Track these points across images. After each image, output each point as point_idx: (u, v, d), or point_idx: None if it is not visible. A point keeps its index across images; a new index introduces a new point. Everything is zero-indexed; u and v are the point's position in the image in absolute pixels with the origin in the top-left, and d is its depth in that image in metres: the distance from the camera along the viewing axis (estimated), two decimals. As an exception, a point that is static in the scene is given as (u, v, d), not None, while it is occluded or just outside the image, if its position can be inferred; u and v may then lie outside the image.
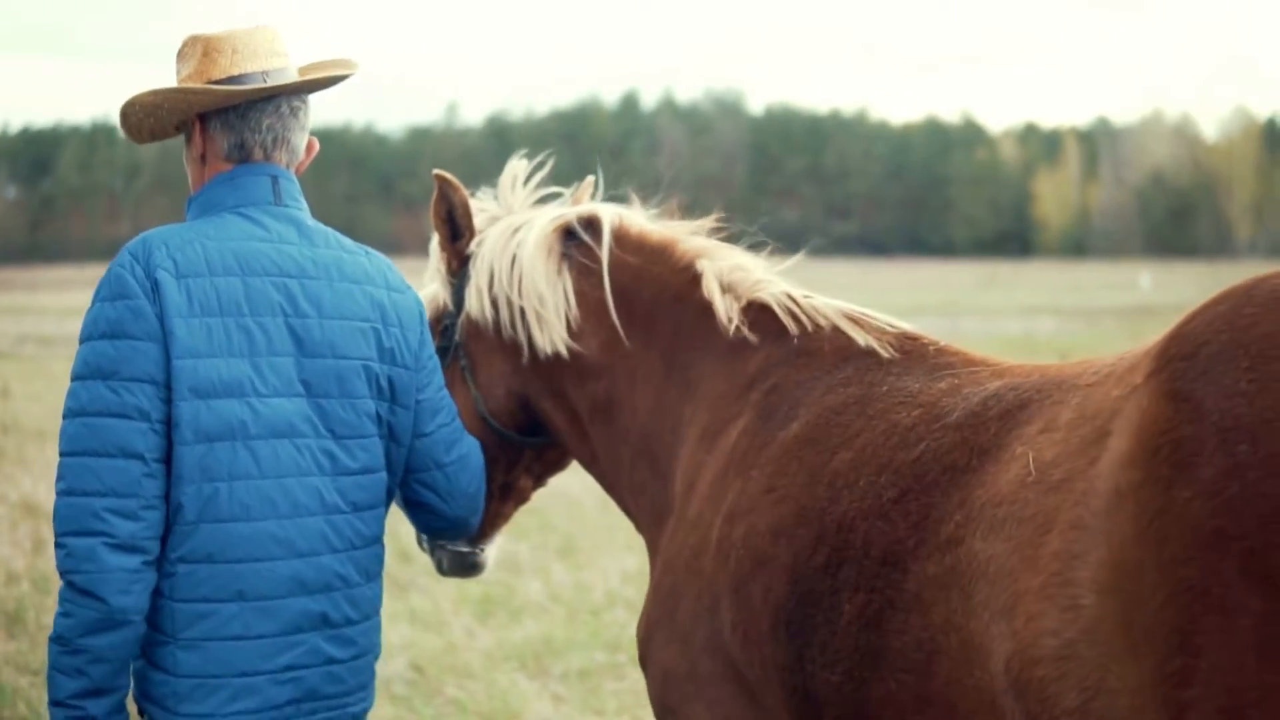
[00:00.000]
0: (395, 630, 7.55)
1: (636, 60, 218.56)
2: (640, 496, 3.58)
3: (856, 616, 2.74)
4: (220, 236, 3.10)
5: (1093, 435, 2.44)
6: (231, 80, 3.19)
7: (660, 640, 3.26)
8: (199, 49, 3.21)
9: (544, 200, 3.88)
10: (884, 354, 3.19)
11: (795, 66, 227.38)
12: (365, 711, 3.26)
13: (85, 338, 3.02)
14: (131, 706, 3.08)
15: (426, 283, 3.90)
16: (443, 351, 3.76)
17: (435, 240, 3.84)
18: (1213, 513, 2.17)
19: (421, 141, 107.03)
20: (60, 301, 43.61)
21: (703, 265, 3.53)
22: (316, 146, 3.38)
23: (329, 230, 3.30)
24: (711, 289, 3.48)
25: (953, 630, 2.55)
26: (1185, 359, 2.30)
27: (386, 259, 3.39)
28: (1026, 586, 2.42)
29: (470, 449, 3.50)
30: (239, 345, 3.05)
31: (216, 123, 3.21)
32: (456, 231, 3.79)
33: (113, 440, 2.94)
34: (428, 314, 3.71)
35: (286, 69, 3.26)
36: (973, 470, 2.66)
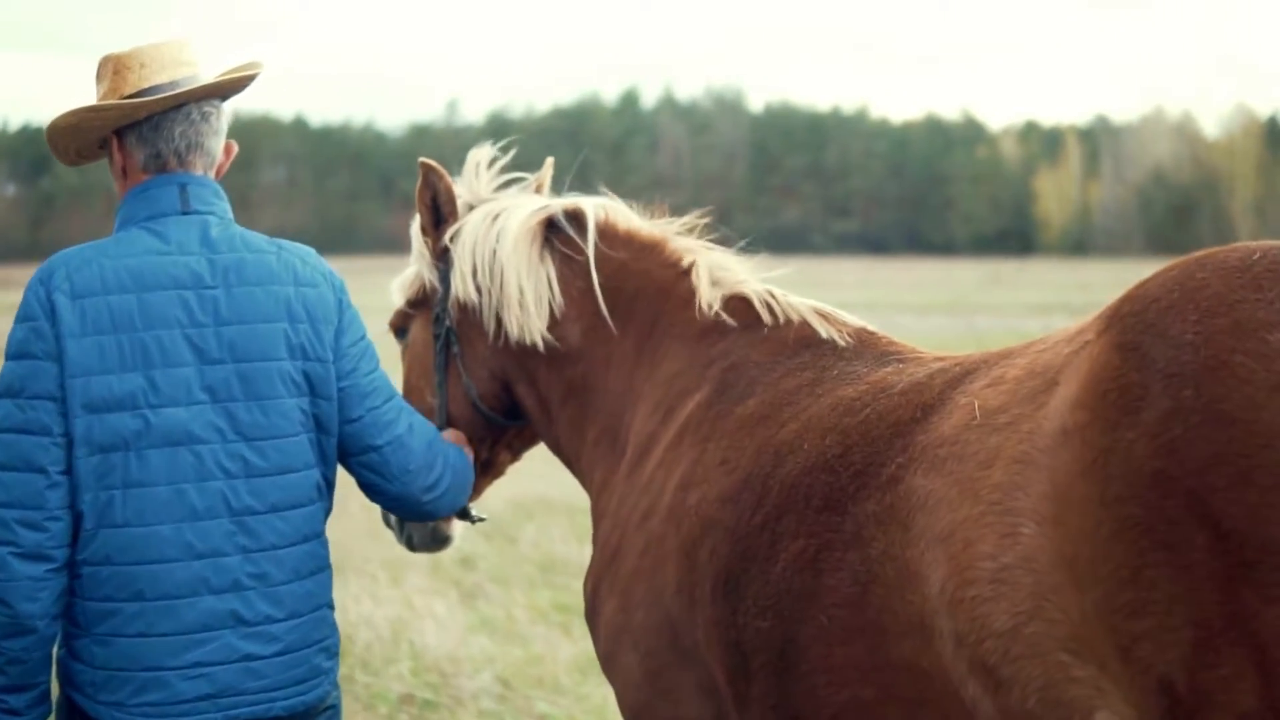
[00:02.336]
0: (475, 642, 7.38)
1: (636, 58, 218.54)
2: (596, 470, 3.76)
3: (791, 562, 2.88)
4: (119, 254, 3.23)
5: (1042, 386, 2.56)
6: (142, 94, 3.28)
7: (604, 594, 3.41)
8: (110, 68, 3.34)
9: (506, 184, 4.05)
10: (840, 343, 3.40)
11: (795, 64, 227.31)
12: (310, 706, 3.34)
13: (5, 358, 3.19)
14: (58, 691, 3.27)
15: (410, 265, 4.06)
16: (436, 339, 3.92)
17: (416, 224, 4.01)
18: (1155, 454, 2.28)
19: (422, 139, 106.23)
20: (66, 300, 43.23)
21: (693, 260, 3.74)
22: (235, 149, 3.46)
23: (237, 232, 3.36)
24: (700, 279, 3.68)
25: (889, 560, 2.68)
26: (1136, 315, 2.42)
27: (302, 251, 3.42)
28: (965, 515, 2.54)
29: (412, 429, 3.54)
30: (133, 359, 3.16)
31: (132, 137, 3.33)
32: (440, 217, 3.96)
33: (18, 454, 3.12)
34: (411, 294, 4.01)
35: (196, 77, 3.35)
36: (916, 422, 2.80)
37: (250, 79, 3.42)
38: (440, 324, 3.93)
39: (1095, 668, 2.38)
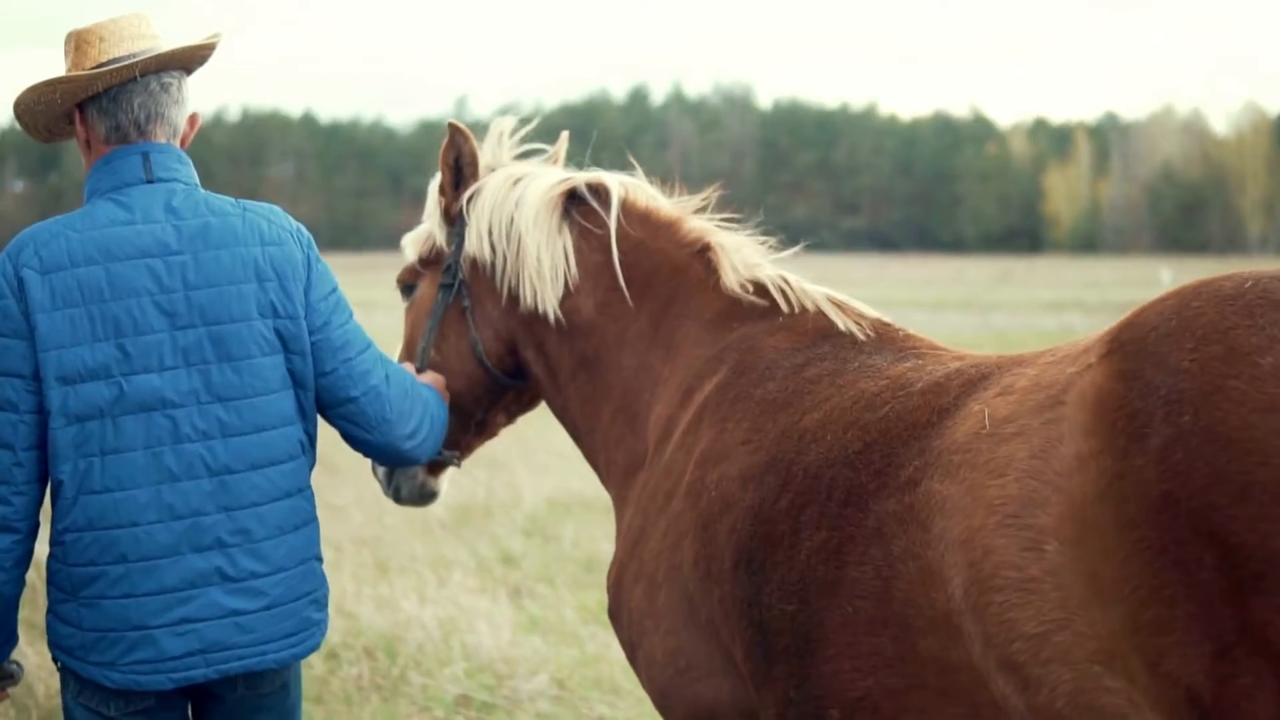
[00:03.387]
0: (527, 643, 7.25)
1: (645, 54, 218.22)
2: (617, 449, 3.78)
3: (816, 551, 2.96)
4: (85, 227, 3.27)
5: (1047, 401, 2.68)
6: (100, 67, 3.30)
7: (629, 581, 3.46)
8: (72, 44, 3.37)
9: (526, 155, 4.07)
10: (859, 336, 3.44)
11: (804, 61, 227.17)
12: (298, 657, 3.41)
13: None
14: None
15: (424, 221, 4.07)
16: (445, 289, 3.93)
17: (435, 182, 4.00)
18: (1161, 478, 2.41)
19: (431, 135, 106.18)
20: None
21: (713, 241, 3.75)
22: (199, 120, 3.50)
23: (202, 197, 3.39)
24: (723, 263, 3.69)
25: (911, 558, 2.79)
26: (1136, 342, 2.55)
27: (267, 210, 3.45)
28: (981, 523, 2.66)
29: (389, 378, 3.57)
30: (104, 330, 3.22)
31: (93, 110, 3.36)
32: (460, 179, 3.96)
33: None
34: (421, 251, 4.03)
35: (155, 49, 3.36)
36: (932, 425, 2.91)
37: (209, 49, 3.45)
38: (450, 274, 3.94)
39: (1125, 680, 2.49)
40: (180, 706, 3.41)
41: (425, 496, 4.11)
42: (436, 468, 4.07)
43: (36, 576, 3.80)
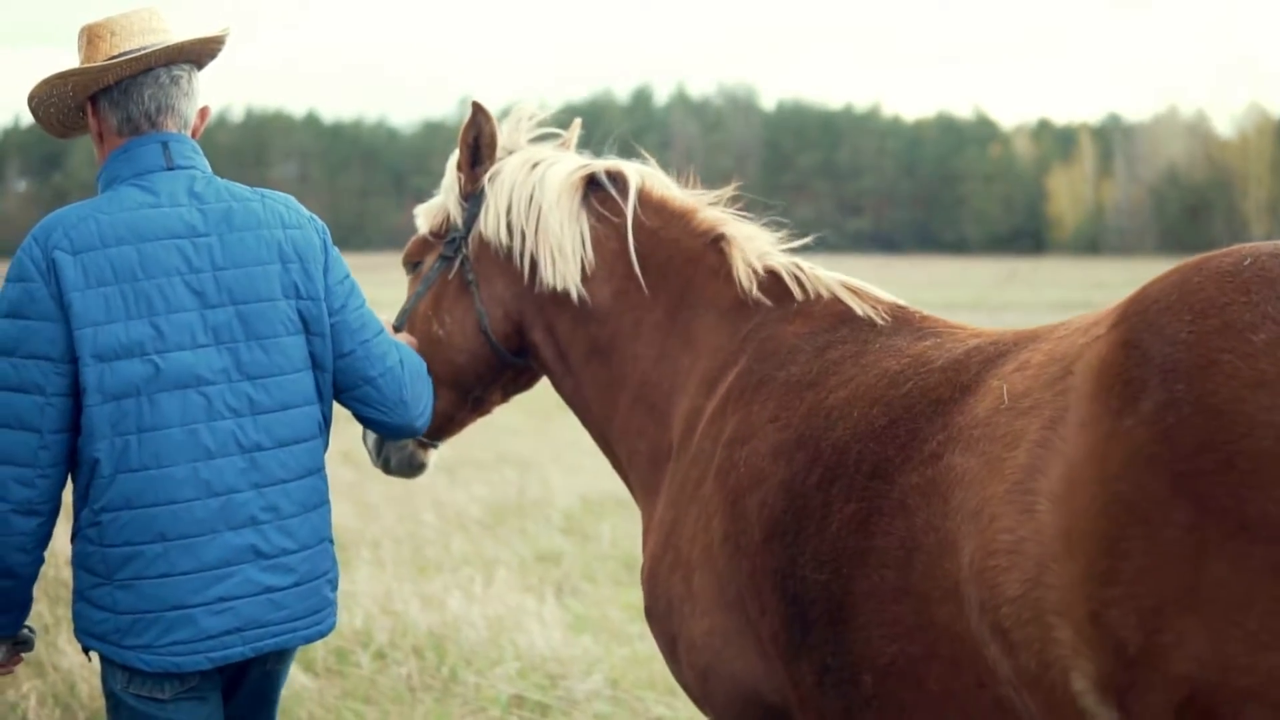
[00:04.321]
0: (577, 643, 7.17)
1: (648, 55, 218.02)
2: (638, 439, 3.82)
3: (846, 523, 3.07)
4: (113, 209, 3.30)
5: (1059, 373, 2.80)
6: (112, 61, 3.35)
7: (665, 572, 3.51)
8: (84, 38, 3.42)
9: (541, 139, 4.12)
10: (878, 320, 3.52)
11: (807, 62, 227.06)
12: (322, 634, 3.48)
13: None
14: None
15: (438, 195, 4.12)
16: (446, 260, 3.98)
17: (454, 159, 4.02)
18: (1150, 439, 2.53)
19: (434, 135, 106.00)
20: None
21: (726, 231, 3.80)
22: (209, 112, 3.56)
23: (221, 183, 3.45)
24: (734, 253, 3.75)
25: (931, 530, 2.90)
26: (1139, 314, 2.68)
27: (284, 198, 3.54)
28: (993, 493, 2.78)
29: (402, 359, 3.64)
30: (137, 308, 3.24)
31: (105, 102, 3.42)
32: (477, 158, 3.99)
33: (12, 413, 3.21)
34: (433, 224, 4.07)
35: (166, 43, 3.40)
36: (954, 401, 3.02)
37: (219, 42, 3.50)
38: (453, 247, 3.98)
39: (1072, 630, 2.61)
40: (218, 684, 3.43)
41: (415, 467, 4.16)
42: (424, 442, 4.13)
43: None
